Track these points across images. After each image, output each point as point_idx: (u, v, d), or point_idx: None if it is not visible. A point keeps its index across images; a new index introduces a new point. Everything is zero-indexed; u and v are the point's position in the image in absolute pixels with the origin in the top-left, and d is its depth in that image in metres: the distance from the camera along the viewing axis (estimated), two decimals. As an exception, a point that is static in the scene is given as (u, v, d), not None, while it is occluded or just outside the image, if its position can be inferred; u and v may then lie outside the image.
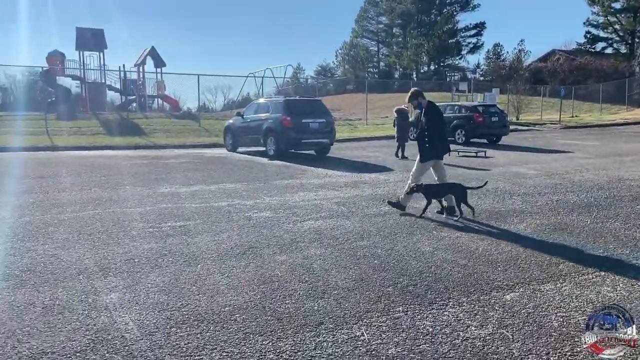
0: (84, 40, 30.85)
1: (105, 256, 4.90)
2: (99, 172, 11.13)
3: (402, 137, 14.67)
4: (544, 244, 5.49)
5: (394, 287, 4.15)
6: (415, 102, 7.21)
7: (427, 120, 7.03)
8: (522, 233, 5.93)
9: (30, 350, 2.99)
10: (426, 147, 7.02)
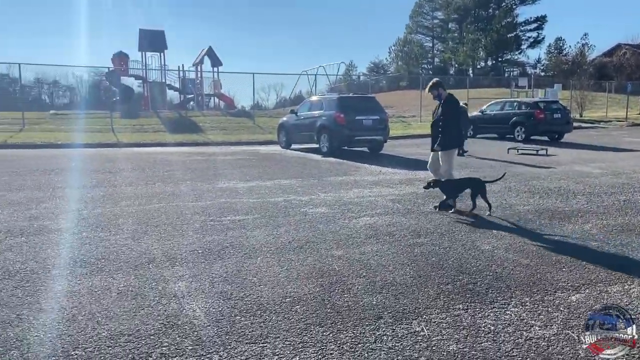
0: (146, 42, 32.16)
1: (171, 247, 5.14)
2: (161, 167, 11.62)
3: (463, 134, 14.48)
4: (611, 245, 5.27)
5: (453, 284, 4.12)
6: (436, 92, 7.24)
7: (443, 111, 7.14)
8: (588, 234, 5.71)
9: (108, 332, 3.20)
10: (441, 137, 7.10)
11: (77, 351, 2.95)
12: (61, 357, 2.88)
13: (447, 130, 7.08)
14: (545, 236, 5.63)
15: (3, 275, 4.20)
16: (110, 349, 2.98)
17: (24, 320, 3.35)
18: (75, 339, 3.10)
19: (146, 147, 17.55)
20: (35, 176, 9.97)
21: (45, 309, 3.55)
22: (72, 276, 4.23)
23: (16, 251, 4.90)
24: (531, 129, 18.85)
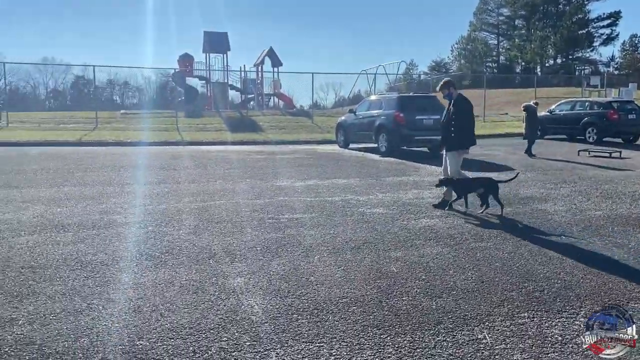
0: (210, 43, 33.15)
1: (231, 243, 5.24)
2: (222, 165, 11.92)
3: (532, 134, 13.93)
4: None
5: (518, 291, 3.94)
6: (446, 91, 7.16)
7: (454, 111, 7.04)
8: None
9: (171, 324, 3.30)
10: (452, 137, 7.04)
11: (141, 341, 3.06)
12: (127, 346, 2.99)
13: (457, 131, 6.99)
14: (618, 244, 5.28)
15: (76, 266, 4.44)
16: (172, 341, 3.07)
17: (94, 310, 3.51)
18: (140, 330, 3.21)
19: (208, 145, 18.07)
20: (106, 172, 10.50)
21: (113, 299, 3.71)
22: (138, 268, 4.41)
23: (88, 243, 5.16)
24: (604, 130, 17.80)
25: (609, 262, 4.65)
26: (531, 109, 14.30)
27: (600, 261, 4.68)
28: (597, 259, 4.74)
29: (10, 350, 2.90)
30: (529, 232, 5.78)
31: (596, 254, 4.90)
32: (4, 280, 4.05)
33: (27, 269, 4.33)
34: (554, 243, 5.29)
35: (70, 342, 3.02)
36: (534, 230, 5.85)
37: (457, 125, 7.00)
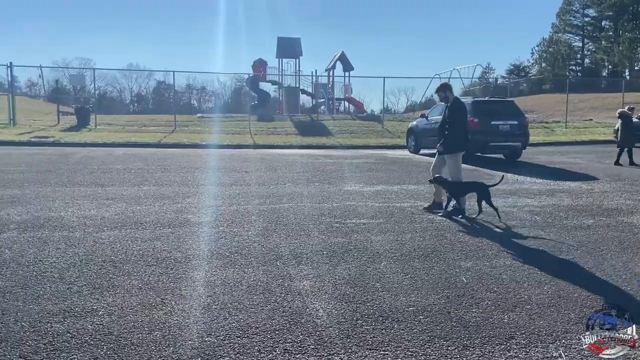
0: (283, 49, 33.89)
1: (297, 246, 5.29)
2: (291, 168, 12.10)
3: (626, 142, 13.02)
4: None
5: (599, 309, 3.66)
6: (443, 94, 7.28)
7: (449, 114, 7.17)
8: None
9: (238, 323, 3.37)
10: (446, 140, 7.11)
11: (210, 338, 3.15)
12: (196, 342, 3.09)
13: (452, 134, 7.07)
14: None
15: (152, 262, 4.66)
16: (239, 339, 3.13)
17: (167, 304, 3.67)
18: (209, 327, 3.31)
19: (279, 149, 18.44)
20: (182, 173, 10.98)
21: (184, 296, 3.85)
22: (209, 267, 4.55)
23: (164, 241, 5.41)
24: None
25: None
26: (625, 114, 13.39)
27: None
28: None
29: (90, 340, 3.09)
30: (612, 245, 5.38)
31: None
32: (87, 272, 4.32)
33: (108, 262, 4.60)
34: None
35: (144, 335, 3.17)
36: (617, 245, 5.43)
37: (451, 128, 7.11)
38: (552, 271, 4.53)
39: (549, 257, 4.97)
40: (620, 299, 3.87)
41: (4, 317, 3.35)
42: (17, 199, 7.47)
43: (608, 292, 4.03)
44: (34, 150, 15.85)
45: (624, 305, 3.72)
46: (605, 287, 4.15)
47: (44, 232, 5.61)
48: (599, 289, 4.09)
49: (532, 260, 4.88)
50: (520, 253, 5.12)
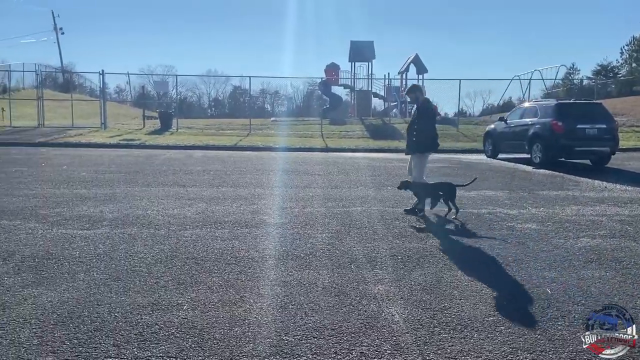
0: (356, 52, 33.94)
1: (372, 250, 5.27)
2: (364, 172, 12.09)
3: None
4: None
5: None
6: (413, 96, 7.39)
7: (418, 115, 7.29)
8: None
9: (314, 324, 3.41)
10: (413, 140, 7.24)
11: (287, 337, 3.21)
12: (274, 340, 3.16)
13: (420, 134, 7.18)
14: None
15: (231, 260, 4.83)
16: (315, 340, 3.17)
17: (246, 302, 3.78)
18: (286, 326, 3.38)
19: (350, 152, 18.48)
20: (258, 175, 11.29)
21: (262, 294, 3.96)
22: (285, 267, 4.64)
23: (241, 240, 5.59)
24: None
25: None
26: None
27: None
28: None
29: (176, 332, 3.25)
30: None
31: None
32: (172, 268, 4.55)
33: (190, 260, 4.82)
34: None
35: (225, 330, 3.29)
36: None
37: (419, 129, 7.21)
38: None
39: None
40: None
41: (99, 308, 3.60)
42: (108, 197, 8.02)
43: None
44: (122, 152, 16.94)
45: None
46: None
47: (133, 229, 5.97)
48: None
49: (624, 272, 4.55)
50: (610, 265, 4.79)
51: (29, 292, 3.88)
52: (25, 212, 6.72)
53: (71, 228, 5.93)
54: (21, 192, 8.26)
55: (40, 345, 3.02)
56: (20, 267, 4.45)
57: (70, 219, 6.38)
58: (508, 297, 3.97)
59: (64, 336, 3.14)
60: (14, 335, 3.14)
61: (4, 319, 3.37)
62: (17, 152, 16.25)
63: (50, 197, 7.89)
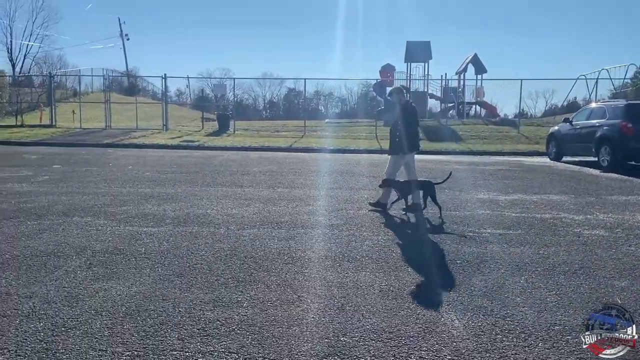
0: (412, 53, 33.54)
1: (429, 253, 5.19)
2: (420, 174, 11.88)
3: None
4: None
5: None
6: (396, 97, 7.52)
7: (400, 117, 7.42)
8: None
9: (372, 326, 3.40)
10: (395, 141, 7.45)
11: (345, 338, 3.22)
12: (332, 341, 3.18)
13: (400, 136, 7.37)
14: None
15: (288, 260, 4.89)
16: (373, 342, 3.15)
17: (303, 302, 3.82)
18: (344, 327, 3.38)
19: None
20: (312, 176, 11.38)
21: (319, 295, 3.98)
22: (341, 269, 4.65)
23: (298, 240, 5.65)
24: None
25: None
26: None
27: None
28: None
29: (237, 329, 3.33)
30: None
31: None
32: (232, 266, 4.67)
33: (249, 258, 4.93)
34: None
35: (284, 329, 3.34)
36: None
37: (401, 130, 7.36)
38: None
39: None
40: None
41: (164, 303, 3.75)
42: (170, 196, 8.33)
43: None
44: (182, 153, 17.56)
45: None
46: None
47: (194, 227, 6.17)
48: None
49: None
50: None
51: (99, 285, 4.10)
52: (95, 210, 7.09)
53: (137, 225, 6.21)
54: (91, 191, 8.73)
55: (111, 336, 3.18)
56: (91, 262, 4.71)
57: (136, 217, 6.67)
58: (575, 305, 3.79)
59: (132, 328, 3.30)
60: (86, 326, 3.32)
61: (78, 310, 3.58)
62: (87, 152, 17.19)
63: (117, 196, 8.29)
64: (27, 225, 6.10)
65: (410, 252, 5.24)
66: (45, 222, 6.25)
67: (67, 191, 8.62)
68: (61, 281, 4.15)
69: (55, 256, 4.84)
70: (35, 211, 6.89)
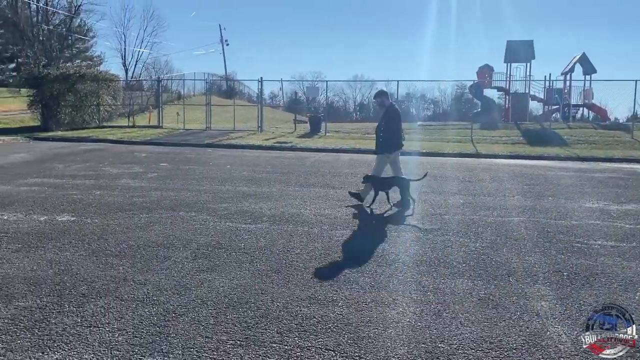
0: (513, 53, 31.96)
1: (532, 263, 4.92)
2: (520, 180, 11.32)
3: None
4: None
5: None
6: (380, 100, 8.17)
7: (384, 118, 7.99)
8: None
9: (471, 334, 3.29)
10: (380, 141, 7.99)
11: (442, 344, 3.15)
12: (429, 346, 3.12)
13: (384, 136, 7.93)
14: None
15: (382, 262, 4.88)
16: (473, 352, 3.06)
17: (399, 305, 3.79)
18: (441, 333, 3.31)
19: (504, 158, 17.42)
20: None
21: (414, 299, 3.93)
22: (437, 274, 4.55)
23: (390, 244, 5.61)
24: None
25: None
26: None
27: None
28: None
29: (333, 327, 3.38)
30: None
31: None
32: (326, 265, 4.75)
33: (342, 259, 4.98)
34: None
35: (379, 331, 3.33)
36: None
37: (385, 131, 7.91)
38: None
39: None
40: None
41: (263, 297, 3.89)
42: (266, 195, 8.63)
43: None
44: (276, 154, 18.12)
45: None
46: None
47: (289, 226, 6.35)
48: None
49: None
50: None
51: (204, 276, 4.35)
52: (198, 206, 7.54)
53: (236, 222, 6.51)
54: (194, 188, 9.29)
55: (216, 325, 3.37)
56: (196, 254, 5.01)
57: (235, 214, 7.00)
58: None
59: (235, 319, 3.46)
60: (194, 314, 3.55)
61: (185, 298, 3.83)
62: (189, 151, 18.31)
63: (218, 193, 8.74)
64: (140, 217, 6.63)
65: (511, 261, 4.99)
66: (155, 216, 6.75)
67: (173, 187, 9.24)
68: (170, 270, 4.47)
69: (164, 247, 5.22)
70: (146, 205, 7.46)
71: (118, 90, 30.70)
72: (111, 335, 3.19)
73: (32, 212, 6.77)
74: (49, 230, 5.83)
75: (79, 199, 7.80)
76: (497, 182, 11.03)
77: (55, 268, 4.48)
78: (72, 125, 26.01)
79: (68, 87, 26.32)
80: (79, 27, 54.75)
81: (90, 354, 2.97)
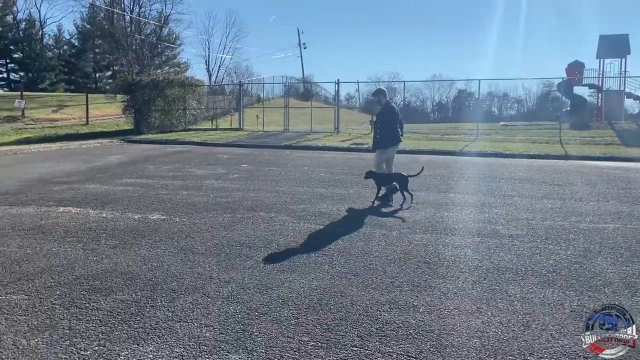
0: (606, 48, 29.88)
1: (630, 274, 4.56)
2: (614, 183, 10.53)
3: None
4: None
5: None
6: (377, 98, 8.52)
7: (380, 115, 8.42)
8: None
9: (563, 348, 3.10)
10: (377, 137, 8.40)
11: (531, 357, 2.99)
12: (517, 358, 2.98)
13: (380, 133, 8.30)
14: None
15: (464, 269, 4.73)
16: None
17: (483, 314, 3.65)
18: (530, 345, 3.15)
19: (596, 160, 16.29)
20: (486, 182, 10.80)
21: (500, 308, 3.77)
22: (523, 283, 4.34)
23: (473, 249, 5.42)
24: None
25: None
26: None
27: None
28: None
29: (414, 333, 3.32)
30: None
31: None
32: (405, 270, 4.68)
33: (423, 263, 4.88)
34: None
35: (463, 340, 3.23)
36: None
37: (381, 128, 8.31)
38: None
39: None
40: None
41: (343, 299, 3.91)
42: (343, 197, 8.66)
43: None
44: (352, 155, 18.13)
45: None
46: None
47: (367, 228, 6.33)
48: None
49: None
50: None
51: (284, 276, 4.44)
52: (277, 206, 7.71)
53: (314, 223, 6.58)
54: (273, 189, 9.52)
55: (297, 325, 3.43)
56: (276, 254, 5.13)
57: (313, 215, 7.08)
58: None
59: (315, 320, 3.50)
60: (276, 313, 3.63)
61: (267, 297, 3.93)
62: (268, 153, 18.80)
63: (296, 194, 8.90)
64: (224, 217, 6.90)
65: (607, 270, 4.65)
66: (237, 216, 6.99)
67: (253, 188, 9.53)
68: (253, 270, 4.61)
69: (247, 247, 5.39)
70: (229, 205, 7.75)
71: (202, 95, 32.14)
72: (199, 331, 3.34)
73: (127, 211, 7.26)
74: (142, 228, 6.22)
75: (168, 199, 8.26)
76: (590, 185, 10.33)
77: (148, 264, 4.78)
78: (161, 129, 27.61)
79: (158, 93, 27.99)
80: (167, 35, 58.15)
81: (180, 347, 3.13)
